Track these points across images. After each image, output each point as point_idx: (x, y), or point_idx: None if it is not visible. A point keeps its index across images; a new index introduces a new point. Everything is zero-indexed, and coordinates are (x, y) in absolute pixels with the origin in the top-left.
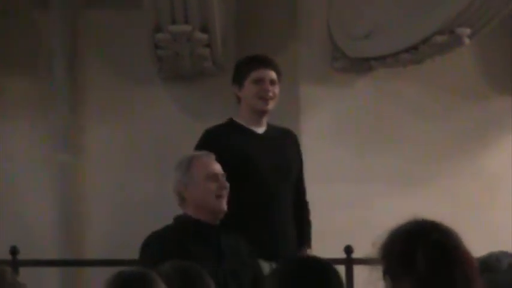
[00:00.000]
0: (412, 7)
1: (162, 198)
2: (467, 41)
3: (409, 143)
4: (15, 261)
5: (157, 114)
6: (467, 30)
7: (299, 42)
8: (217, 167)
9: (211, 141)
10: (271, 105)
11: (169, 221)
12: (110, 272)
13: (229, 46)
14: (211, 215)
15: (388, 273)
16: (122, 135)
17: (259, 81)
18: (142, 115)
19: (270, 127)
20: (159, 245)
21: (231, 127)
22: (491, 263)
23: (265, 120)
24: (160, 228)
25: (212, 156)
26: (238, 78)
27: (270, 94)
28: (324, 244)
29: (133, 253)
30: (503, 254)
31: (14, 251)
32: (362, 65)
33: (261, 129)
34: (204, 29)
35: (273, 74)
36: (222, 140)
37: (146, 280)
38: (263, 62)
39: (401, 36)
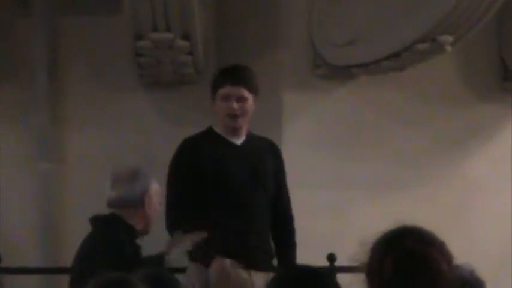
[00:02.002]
0: (394, 15)
1: None
2: (449, 48)
3: (390, 150)
4: None
5: (138, 122)
6: (450, 38)
7: (281, 50)
8: None
9: (187, 149)
10: (241, 122)
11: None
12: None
13: (211, 54)
14: None
15: (366, 276)
16: (103, 143)
17: (225, 98)
18: (123, 122)
19: (250, 137)
20: None
21: (209, 136)
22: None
23: (243, 131)
24: None
25: None
26: (212, 92)
27: (237, 112)
28: (306, 251)
29: None
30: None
31: None
32: (344, 73)
33: (239, 140)
34: (186, 37)
35: (241, 91)
36: (198, 148)
37: (127, 285)
38: (231, 78)
39: (383, 43)
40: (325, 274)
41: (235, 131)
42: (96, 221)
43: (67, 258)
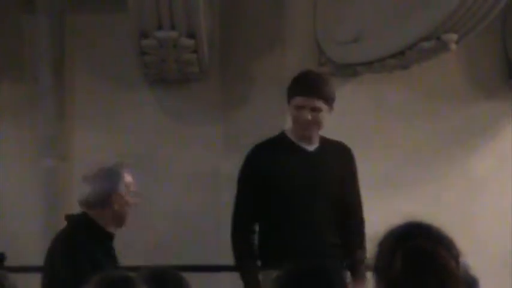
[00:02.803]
0: (398, 13)
1: (146, 200)
2: (453, 47)
3: (395, 148)
4: (2, 268)
5: (143, 119)
6: (454, 36)
7: (285, 48)
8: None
9: (254, 157)
10: (313, 131)
11: (156, 224)
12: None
13: (216, 52)
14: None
15: (374, 273)
16: (108, 140)
17: (299, 108)
18: (128, 120)
19: (322, 143)
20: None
21: (280, 141)
22: None
23: (316, 138)
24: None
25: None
26: (288, 97)
27: (310, 123)
28: None
29: (118, 257)
30: None
31: (1, 257)
32: (348, 70)
33: (311, 147)
34: (191, 35)
35: (314, 102)
36: (265, 156)
37: (129, 283)
38: (305, 89)
39: (387, 41)
40: (331, 269)
41: (310, 139)
42: (69, 220)
43: None
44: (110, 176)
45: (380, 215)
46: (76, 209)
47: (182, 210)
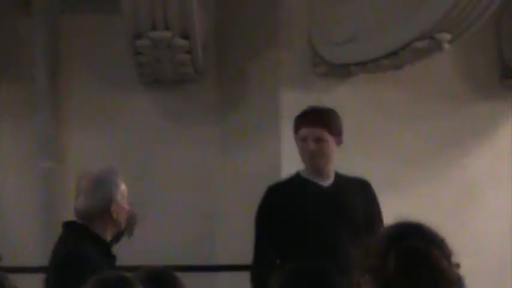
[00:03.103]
0: (392, 13)
1: (142, 202)
2: (447, 46)
3: (389, 148)
4: None
5: (138, 120)
6: (447, 36)
7: (280, 48)
8: None
9: (269, 199)
10: (320, 163)
11: (154, 224)
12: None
13: (210, 52)
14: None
15: (367, 273)
16: (103, 141)
17: (303, 139)
18: (122, 120)
19: (338, 178)
20: None
21: (294, 183)
22: None
23: (329, 172)
24: None
25: None
26: (294, 132)
27: (315, 154)
28: None
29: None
30: None
31: None
32: (342, 71)
33: (326, 182)
34: (185, 36)
35: (318, 132)
36: (279, 196)
37: (126, 284)
38: (309, 120)
39: (381, 42)
40: (329, 271)
41: (320, 173)
42: (67, 227)
43: None
44: (105, 186)
45: None
46: (71, 210)
47: (179, 210)
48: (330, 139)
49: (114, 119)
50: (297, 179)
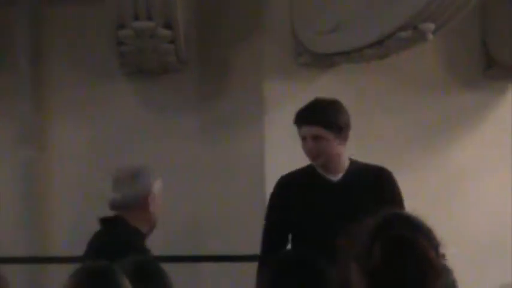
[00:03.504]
0: (376, 3)
1: None
2: (431, 36)
3: (373, 138)
4: None
5: (120, 110)
6: (431, 26)
7: (263, 38)
8: None
9: (279, 190)
10: (323, 160)
11: None
12: (74, 268)
13: (193, 42)
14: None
15: (353, 262)
16: (85, 131)
17: (303, 138)
18: (105, 111)
19: (352, 170)
20: None
21: (306, 175)
22: None
23: (339, 166)
24: None
25: None
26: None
27: (312, 152)
28: None
29: None
30: None
31: None
32: (326, 61)
33: (337, 176)
34: (167, 25)
35: (314, 130)
36: (289, 189)
37: (109, 274)
38: (304, 118)
39: (365, 31)
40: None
41: (330, 168)
42: (105, 222)
43: (49, 247)
44: (145, 177)
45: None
46: (52, 199)
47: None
48: (330, 136)
49: (96, 109)
50: (308, 170)
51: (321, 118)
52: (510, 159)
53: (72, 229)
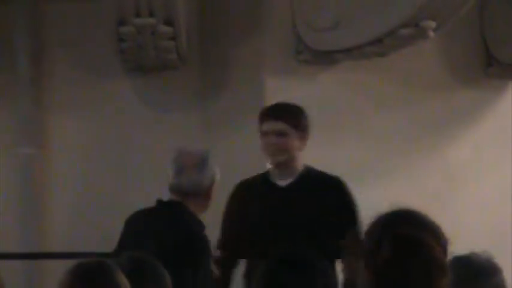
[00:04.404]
0: (377, 0)
1: (125, 190)
2: (431, 34)
3: (373, 135)
4: None
5: (120, 106)
6: (432, 23)
7: (263, 35)
8: None
9: (235, 193)
10: (282, 159)
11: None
12: (72, 264)
13: (194, 39)
14: None
15: (361, 260)
16: (85, 127)
17: (265, 134)
18: (105, 107)
19: (304, 176)
20: None
21: (259, 179)
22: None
23: (292, 170)
24: None
25: None
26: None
27: (275, 147)
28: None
29: (96, 245)
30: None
31: None
32: (327, 58)
33: (285, 181)
34: (169, 22)
35: (279, 126)
36: (241, 195)
37: (105, 270)
38: (270, 113)
39: (365, 29)
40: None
41: (283, 171)
42: (163, 205)
43: (49, 244)
44: (211, 165)
45: (358, 202)
46: (52, 197)
47: (162, 197)
48: (293, 134)
49: (96, 106)
50: (262, 176)
51: (287, 115)
52: (510, 158)
53: (71, 226)
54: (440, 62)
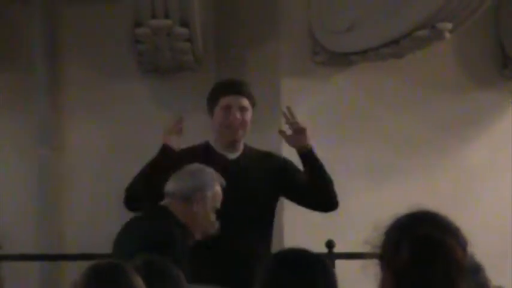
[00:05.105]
0: (393, 1)
1: None
2: (448, 35)
3: (389, 137)
4: None
5: (136, 109)
6: (449, 25)
7: (279, 36)
8: None
9: (183, 155)
10: (241, 134)
11: None
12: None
13: (209, 40)
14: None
15: (380, 260)
16: (101, 130)
17: (227, 108)
18: (122, 109)
19: (246, 151)
20: None
21: (203, 150)
22: None
23: (240, 145)
24: None
25: None
26: (210, 106)
27: (237, 123)
28: (304, 238)
29: (112, 247)
30: None
31: None
32: (343, 59)
33: (233, 155)
34: (184, 24)
35: (243, 101)
36: (188, 158)
37: (120, 271)
38: (233, 87)
39: (382, 30)
40: (322, 258)
41: (232, 145)
42: (147, 208)
43: (65, 245)
44: (203, 174)
45: (374, 204)
46: (69, 199)
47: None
48: (250, 109)
49: (112, 107)
50: (206, 147)
51: (248, 91)
52: None
53: (87, 227)
54: (455, 64)
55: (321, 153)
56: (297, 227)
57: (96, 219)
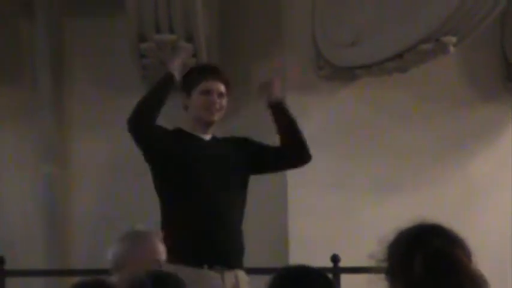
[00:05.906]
0: (397, 15)
1: (147, 207)
2: (452, 49)
3: (394, 151)
4: (2, 271)
5: None
6: (453, 39)
7: (284, 51)
8: None
9: (168, 129)
10: (217, 116)
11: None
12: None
13: (214, 55)
14: None
15: (388, 274)
16: (106, 145)
17: (207, 92)
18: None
19: (215, 136)
20: None
21: (178, 133)
22: None
23: (211, 130)
24: None
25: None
26: (187, 87)
27: (217, 106)
28: (310, 253)
29: None
30: None
31: (1, 260)
32: (347, 74)
33: (207, 137)
34: (189, 38)
35: (221, 87)
36: (172, 137)
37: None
38: (213, 73)
39: (386, 44)
40: (325, 274)
41: (207, 127)
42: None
43: (70, 261)
44: (130, 237)
45: (379, 218)
46: (73, 214)
47: None
48: (225, 94)
49: (117, 122)
50: (180, 131)
51: (226, 77)
52: None
53: (93, 243)
54: (460, 77)
55: (325, 166)
56: (303, 242)
57: (102, 235)
